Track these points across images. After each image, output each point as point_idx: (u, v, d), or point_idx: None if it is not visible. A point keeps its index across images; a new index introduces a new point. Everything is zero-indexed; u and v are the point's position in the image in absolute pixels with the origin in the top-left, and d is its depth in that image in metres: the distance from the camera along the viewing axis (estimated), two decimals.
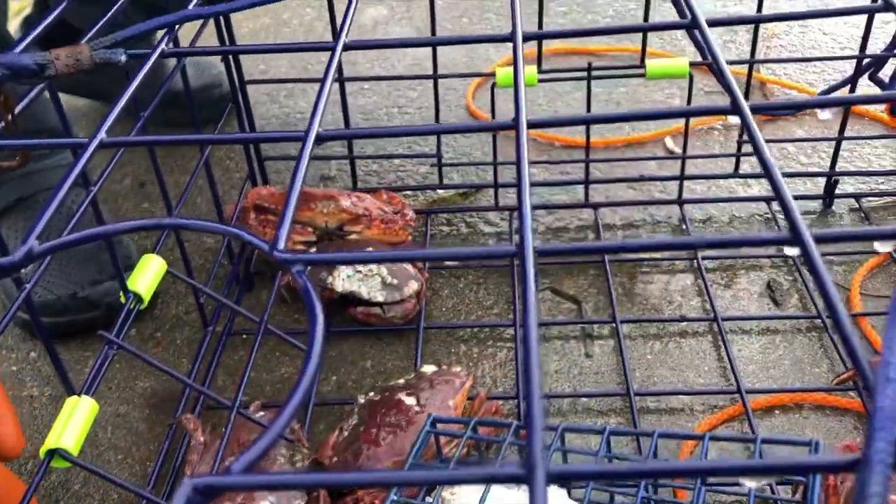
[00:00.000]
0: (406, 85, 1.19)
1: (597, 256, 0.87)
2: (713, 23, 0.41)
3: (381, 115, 1.14)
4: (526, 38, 0.43)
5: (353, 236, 0.85)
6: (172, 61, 0.96)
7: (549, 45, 1.25)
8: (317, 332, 0.25)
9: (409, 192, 0.98)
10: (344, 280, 0.80)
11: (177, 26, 0.46)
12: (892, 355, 0.21)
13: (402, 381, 0.69)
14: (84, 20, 0.54)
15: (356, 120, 1.13)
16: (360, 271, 0.80)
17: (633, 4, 1.36)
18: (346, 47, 0.43)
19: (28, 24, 1.11)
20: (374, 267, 0.80)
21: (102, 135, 0.36)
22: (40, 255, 0.31)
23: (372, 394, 0.68)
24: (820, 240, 0.28)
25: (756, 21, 0.62)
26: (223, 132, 1.09)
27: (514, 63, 0.38)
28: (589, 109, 0.90)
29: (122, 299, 0.61)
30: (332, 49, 0.40)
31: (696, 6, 0.42)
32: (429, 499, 0.51)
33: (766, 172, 0.32)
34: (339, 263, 0.72)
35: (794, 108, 0.36)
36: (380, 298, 0.79)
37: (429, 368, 0.70)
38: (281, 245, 0.30)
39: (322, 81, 0.37)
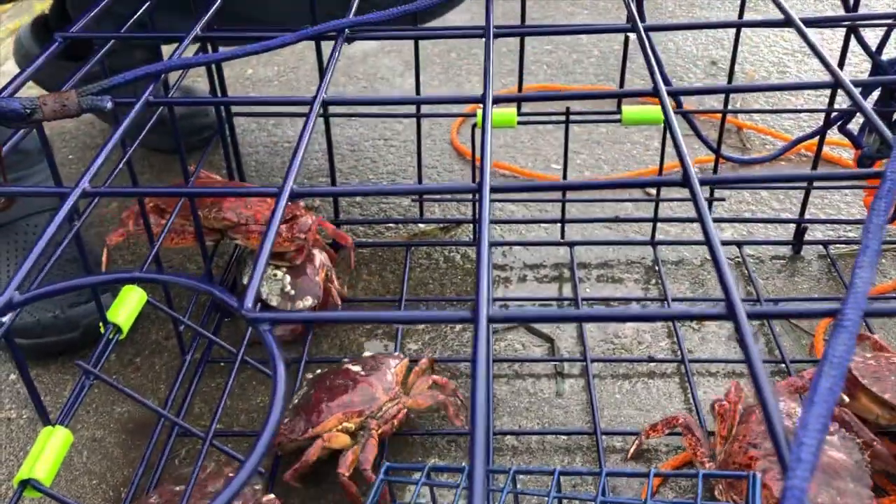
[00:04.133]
0: (393, 118, 1.21)
1: (571, 294, 0.89)
2: (686, 91, 0.43)
3: (367, 146, 1.17)
4: (496, 101, 0.45)
5: (238, 241, 0.85)
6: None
7: (531, 83, 1.28)
8: (277, 398, 0.26)
9: (391, 225, 1.00)
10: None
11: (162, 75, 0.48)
12: (807, 436, 0.23)
13: (346, 359, 0.77)
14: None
15: (343, 151, 1.15)
16: (272, 275, 0.83)
17: (617, 45, 1.39)
18: (326, 103, 0.45)
19: (38, 25, 1.10)
20: (279, 273, 0.83)
21: (86, 184, 0.38)
22: (20, 305, 0.33)
23: (319, 371, 0.76)
24: (752, 316, 0.30)
25: (726, 91, 0.64)
26: (208, 162, 1.10)
27: (483, 130, 0.40)
28: (566, 150, 0.92)
29: (102, 329, 0.62)
30: (310, 107, 0.42)
31: (660, 75, 0.44)
32: None
33: (707, 241, 0.34)
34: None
35: (747, 182, 0.38)
36: (273, 303, 0.83)
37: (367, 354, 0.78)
38: (249, 304, 0.31)
39: (298, 140, 0.39)
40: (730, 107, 0.90)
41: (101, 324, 0.63)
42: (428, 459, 0.72)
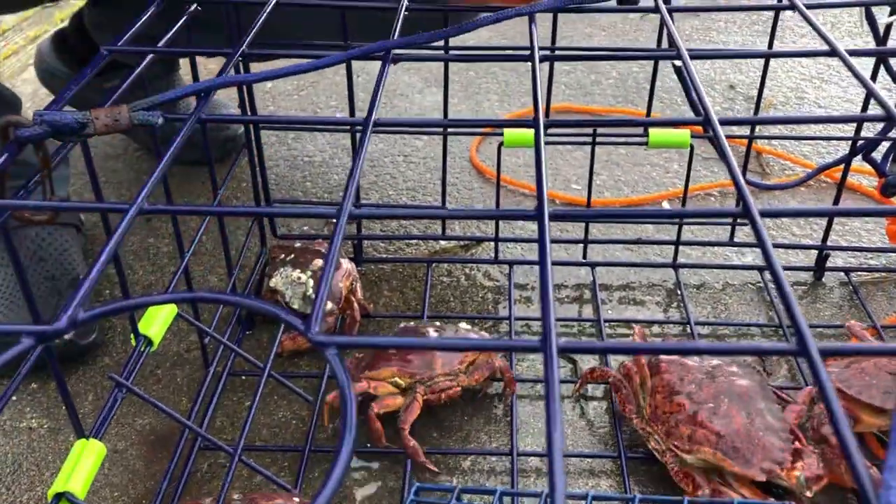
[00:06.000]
0: (412, 134, 1.21)
1: (593, 315, 0.89)
2: (729, 122, 0.43)
3: (387, 163, 1.17)
4: (546, 126, 0.45)
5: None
6: (192, 101, 0.98)
7: (554, 104, 1.28)
8: (348, 426, 0.26)
9: (411, 241, 1.00)
10: (278, 279, 0.85)
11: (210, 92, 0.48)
12: (894, 479, 0.23)
13: (432, 323, 0.83)
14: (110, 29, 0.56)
15: (363, 168, 1.15)
16: (297, 278, 0.84)
17: (637, 67, 1.40)
18: (377, 124, 0.45)
19: (60, 39, 1.11)
20: (304, 277, 0.84)
21: (143, 202, 0.38)
22: (84, 323, 0.33)
23: (402, 325, 0.83)
24: (826, 353, 0.29)
25: (753, 122, 0.64)
26: (233, 175, 1.11)
27: (536, 153, 0.40)
28: (591, 172, 0.92)
29: (133, 342, 0.62)
30: (364, 128, 0.42)
31: (708, 105, 0.44)
32: None
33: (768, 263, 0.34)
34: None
35: (794, 214, 0.38)
36: (295, 306, 0.83)
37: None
38: (315, 327, 0.31)
39: (354, 161, 0.39)
40: (756, 133, 0.90)
41: (132, 336, 0.63)
42: (452, 480, 0.71)
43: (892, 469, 0.23)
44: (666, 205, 1.07)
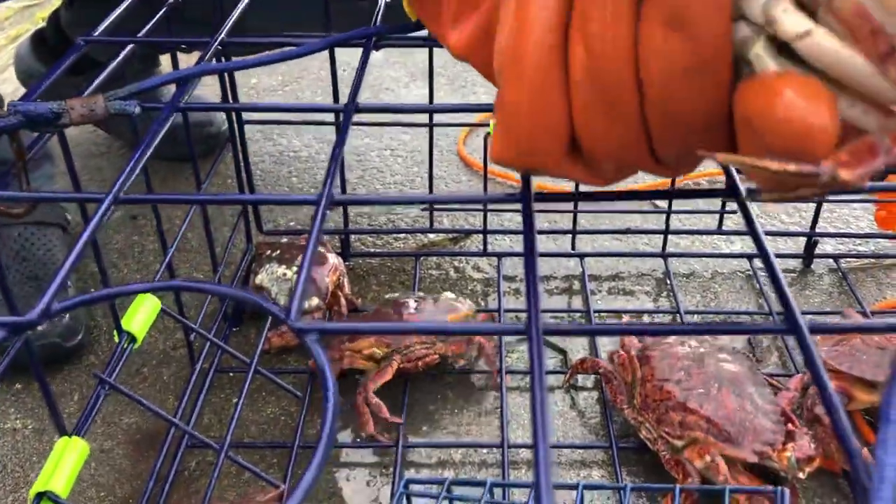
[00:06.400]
0: (399, 127, 1.20)
1: (583, 306, 0.88)
2: None
3: (374, 157, 1.16)
4: None
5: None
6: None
7: None
8: (328, 415, 0.26)
9: (399, 235, 0.99)
10: (264, 276, 0.84)
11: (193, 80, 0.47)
12: (887, 455, 0.23)
13: (415, 294, 0.83)
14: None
15: (349, 161, 1.14)
16: (282, 275, 0.84)
17: None
18: (359, 109, 0.44)
19: (39, 39, 1.10)
20: (289, 273, 0.84)
21: (120, 192, 0.37)
22: (57, 314, 0.32)
23: (388, 296, 0.84)
24: (815, 330, 0.29)
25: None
26: (217, 171, 1.10)
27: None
28: None
29: (116, 338, 0.62)
30: (346, 112, 0.42)
31: None
32: None
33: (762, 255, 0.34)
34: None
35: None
36: (281, 302, 0.82)
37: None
38: (294, 315, 0.31)
39: (335, 147, 0.38)
40: None
41: (115, 332, 0.62)
42: (442, 473, 0.71)
43: (884, 444, 0.22)
44: None
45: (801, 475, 0.63)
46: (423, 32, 0.44)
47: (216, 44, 0.51)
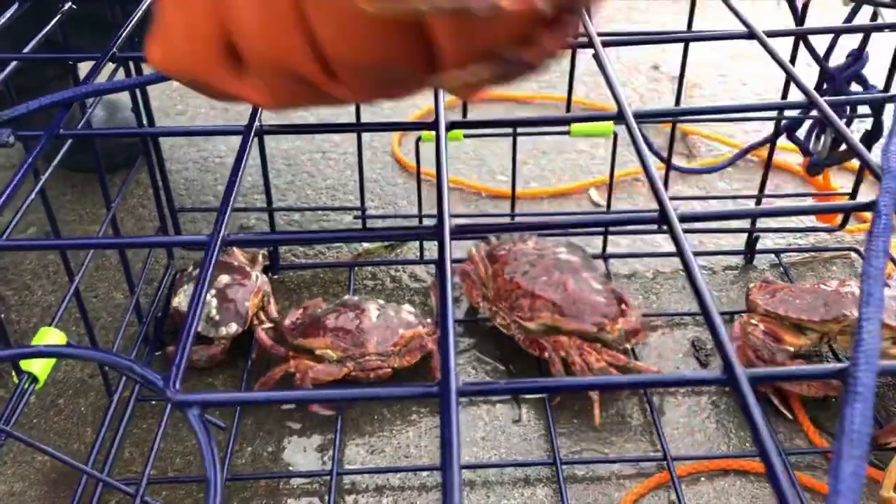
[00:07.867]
0: (332, 131, 1.16)
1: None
2: (647, 115, 0.40)
3: (304, 160, 1.11)
4: (452, 126, 0.41)
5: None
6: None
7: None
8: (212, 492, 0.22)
9: (332, 245, 0.95)
10: (182, 298, 0.80)
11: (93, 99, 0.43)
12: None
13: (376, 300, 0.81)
14: None
15: (278, 166, 1.09)
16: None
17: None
18: (261, 132, 0.40)
19: None
20: (208, 297, 0.79)
21: None
22: None
23: (347, 296, 0.82)
24: (754, 380, 0.26)
25: (674, 115, 0.62)
26: (135, 181, 1.04)
27: (438, 159, 0.36)
28: (514, 163, 0.89)
29: (15, 379, 0.56)
30: (244, 139, 0.38)
31: (623, 100, 0.41)
32: None
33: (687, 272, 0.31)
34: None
35: (715, 218, 0.35)
36: (199, 329, 0.77)
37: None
38: (177, 385, 0.27)
39: (230, 180, 0.35)
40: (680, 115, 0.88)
41: (14, 373, 0.56)
42: (382, 500, 0.67)
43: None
44: (593, 192, 1.04)
45: (627, 345, 0.76)
46: None
47: (105, 60, 0.46)
